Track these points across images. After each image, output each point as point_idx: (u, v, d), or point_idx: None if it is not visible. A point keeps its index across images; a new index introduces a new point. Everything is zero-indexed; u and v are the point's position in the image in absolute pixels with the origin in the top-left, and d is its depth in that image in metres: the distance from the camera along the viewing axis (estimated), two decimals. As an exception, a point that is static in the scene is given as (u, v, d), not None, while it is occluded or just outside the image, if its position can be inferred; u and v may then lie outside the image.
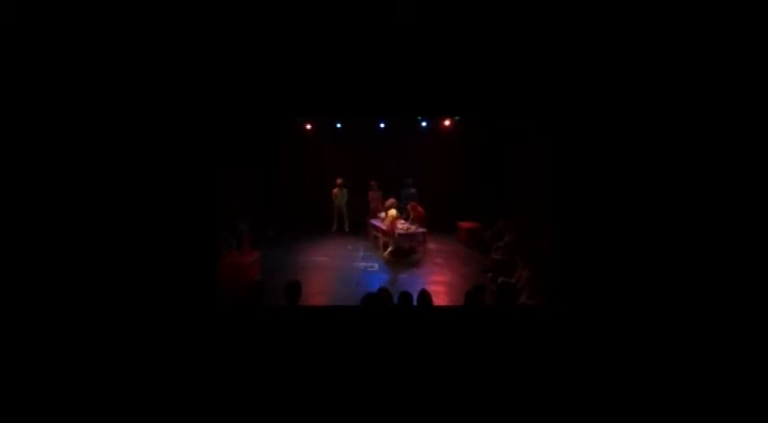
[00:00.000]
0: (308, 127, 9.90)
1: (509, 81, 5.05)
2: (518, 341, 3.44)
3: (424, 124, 9.65)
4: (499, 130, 8.90)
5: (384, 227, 8.28)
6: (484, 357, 3.35)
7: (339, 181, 9.63)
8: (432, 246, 8.76)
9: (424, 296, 3.85)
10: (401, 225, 8.25)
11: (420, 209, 8.61)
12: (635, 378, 3.68)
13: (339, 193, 9.70)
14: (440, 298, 6.09)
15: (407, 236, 8.13)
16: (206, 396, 3.28)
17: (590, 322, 4.48)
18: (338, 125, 9.66)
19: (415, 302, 3.81)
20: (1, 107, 4.29)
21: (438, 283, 6.99)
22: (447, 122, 9.62)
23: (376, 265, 7.76)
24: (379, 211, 9.04)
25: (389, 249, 8.07)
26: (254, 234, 7.67)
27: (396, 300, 3.81)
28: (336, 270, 7.52)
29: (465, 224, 9.20)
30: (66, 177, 4.49)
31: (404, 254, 8.09)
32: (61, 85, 4.46)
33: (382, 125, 9.38)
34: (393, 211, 8.15)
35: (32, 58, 4.35)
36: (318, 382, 3.25)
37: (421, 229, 8.32)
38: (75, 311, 4.31)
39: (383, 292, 3.86)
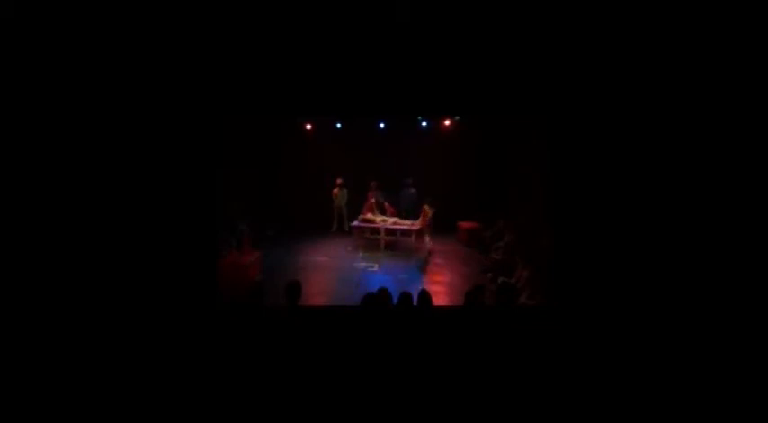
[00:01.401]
0: (308, 127, 9.90)
1: (509, 81, 5.05)
2: (518, 341, 3.44)
3: (424, 124, 9.64)
4: (499, 130, 8.90)
5: (420, 224, 8.56)
6: (484, 357, 3.35)
7: (339, 181, 9.63)
8: (432, 246, 8.77)
9: (424, 296, 3.85)
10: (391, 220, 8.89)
11: (392, 209, 9.14)
12: (634, 378, 3.68)
13: (339, 193, 9.71)
14: (440, 298, 6.09)
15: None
16: (206, 396, 3.28)
17: (590, 322, 4.49)
18: (338, 125, 9.65)
19: (415, 302, 3.81)
20: (1, 107, 4.29)
21: (438, 283, 6.99)
22: (447, 122, 9.62)
23: (376, 266, 7.76)
24: (366, 213, 9.10)
25: (428, 242, 8.45)
26: (254, 234, 7.67)
27: (396, 300, 3.81)
28: (336, 270, 7.52)
29: (465, 224, 9.20)
30: (67, 177, 4.49)
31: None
32: (61, 85, 4.46)
33: (382, 125, 9.38)
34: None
35: (32, 58, 4.35)
36: (318, 382, 3.25)
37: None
38: (76, 311, 4.31)
39: (383, 292, 3.86)
